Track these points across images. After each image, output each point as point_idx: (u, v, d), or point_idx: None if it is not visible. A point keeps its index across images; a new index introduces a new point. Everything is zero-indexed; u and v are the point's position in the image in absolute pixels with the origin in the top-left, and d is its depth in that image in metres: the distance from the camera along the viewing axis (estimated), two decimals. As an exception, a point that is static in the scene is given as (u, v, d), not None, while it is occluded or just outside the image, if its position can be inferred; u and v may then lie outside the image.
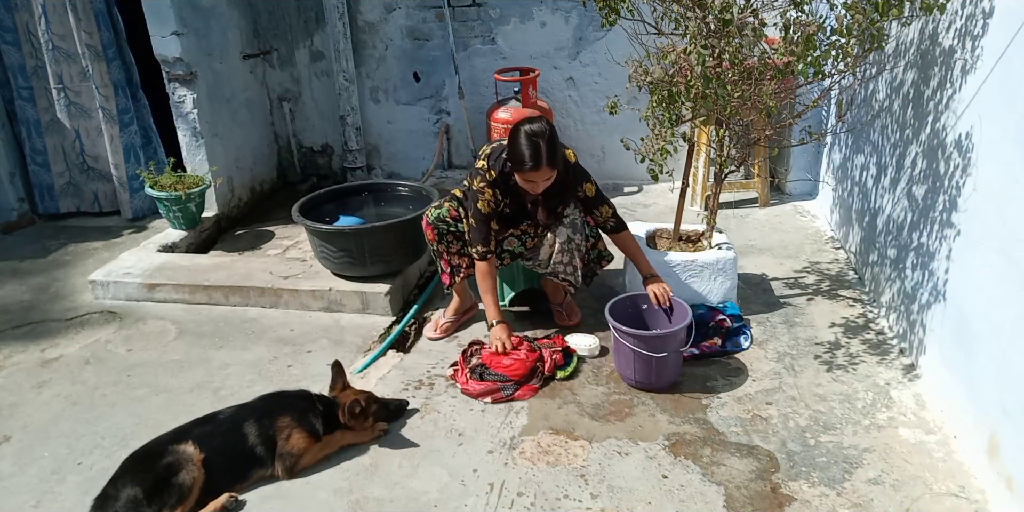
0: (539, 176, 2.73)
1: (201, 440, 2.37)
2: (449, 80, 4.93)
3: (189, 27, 4.20)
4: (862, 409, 2.68)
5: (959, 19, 2.59)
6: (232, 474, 2.39)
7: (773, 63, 2.70)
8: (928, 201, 2.80)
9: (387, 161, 5.30)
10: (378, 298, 3.47)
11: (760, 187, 4.58)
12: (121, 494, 2.22)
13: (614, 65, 3.66)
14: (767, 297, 3.48)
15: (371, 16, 4.85)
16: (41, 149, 4.59)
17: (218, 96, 4.51)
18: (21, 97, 4.47)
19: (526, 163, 2.69)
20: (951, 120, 2.63)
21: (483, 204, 2.91)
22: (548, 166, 2.70)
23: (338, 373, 2.66)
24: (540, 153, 2.67)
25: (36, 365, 3.19)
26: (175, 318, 3.52)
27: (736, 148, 3.29)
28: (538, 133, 2.68)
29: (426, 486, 2.40)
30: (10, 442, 2.71)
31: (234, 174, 4.70)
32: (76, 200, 4.77)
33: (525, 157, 2.68)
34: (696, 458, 2.48)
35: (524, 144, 2.68)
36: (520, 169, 2.73)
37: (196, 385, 3.00)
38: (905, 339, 2.98)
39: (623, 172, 4.89)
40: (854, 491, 2.31)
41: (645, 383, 2.83)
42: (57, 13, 4.28)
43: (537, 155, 2.67)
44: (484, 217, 2.93)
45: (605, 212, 3.07)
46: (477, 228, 2.95)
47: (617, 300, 2.96)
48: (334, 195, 3.83)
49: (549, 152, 2.68)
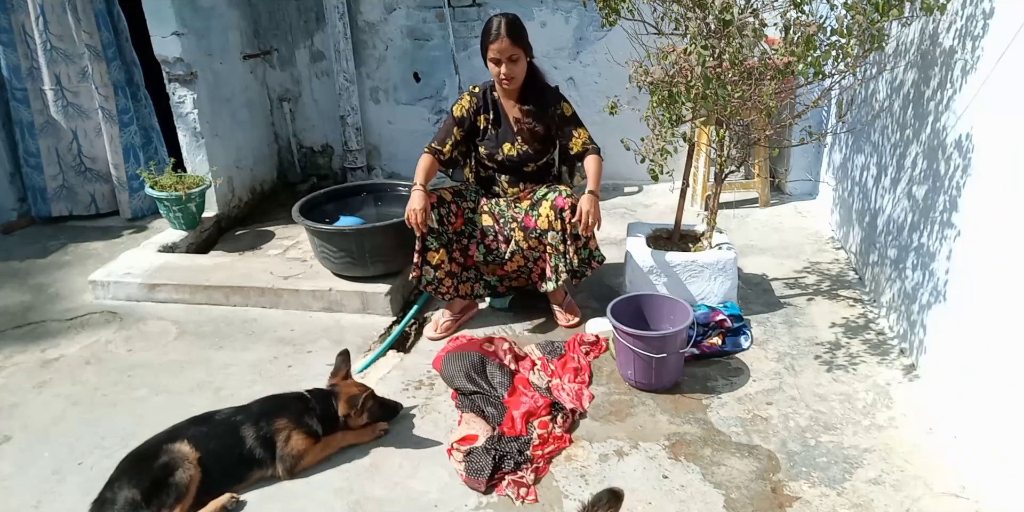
0: (503, 49, 2.96)
1: (196, 440, 2.37)
2: (449, 80, 4.93)
3: (189, 27, 4.20)
4: (862, 409, 2.68)
5: (959, 19, 2.59)
6: (230, 475, 2.39)
7: (773, 63, 2.70)
8: (928, 201, 2.80)
9: (387, 161, 5.30)
10: (378, 298, 3.47)
11: (760, 187, 4.58)
12: (118, 497, 2.22)
13: (614, 65, 3.66)
14: (767, 297, 3.48)
15: (371, 16, 4.86)
16: (34, 151, 4.54)
17: (218, 96, 4.51)
18: (16, 99, 4.43)
19: (491, 33, 2.97)
20: (951, 120, 2.63)
21: (456, 107, 3.21)
22: (509, 37, 2.95)
23: (343, 362, 2.66)
24: (502, 25, 2.96)
25: (36, 365, 3.19)
26: (175, 318, 3.52)
27: (736, 148, 3.30)
28: (504, 15, 3.00)
29: (426, 486, 2.40)
30: (10, 442, 2.71)
31: (234, 174, 4.70)
32: (69, 203, 4.70)
33: (491, 28, 2.97)
34: (696, 458, 2.48)
35: (492, 21, 3.00)
36: (485, 40, 2.99)
37: (197, 385, 3.00)
38: (905, 339, 2.98)
39: (623, 172, 4.88)
40: (854, 491, 2.31)
41: (645, 383, 2.83)
42: (56, 13, 4.27)
43: (500, 26, 2.96)
44: (452, 119, 3.21)
45: (582, 134, 3.20)
46: (442, 129, 3.25)
47: (618, 300, 2.96)
48: (334, 195, 3.83)
49: (510, 27, 2.96)
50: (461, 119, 3.19)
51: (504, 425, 2.62)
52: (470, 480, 2.38)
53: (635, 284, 3.28)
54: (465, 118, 3.20)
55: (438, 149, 3.21)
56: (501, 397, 2.79)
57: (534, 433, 2.58)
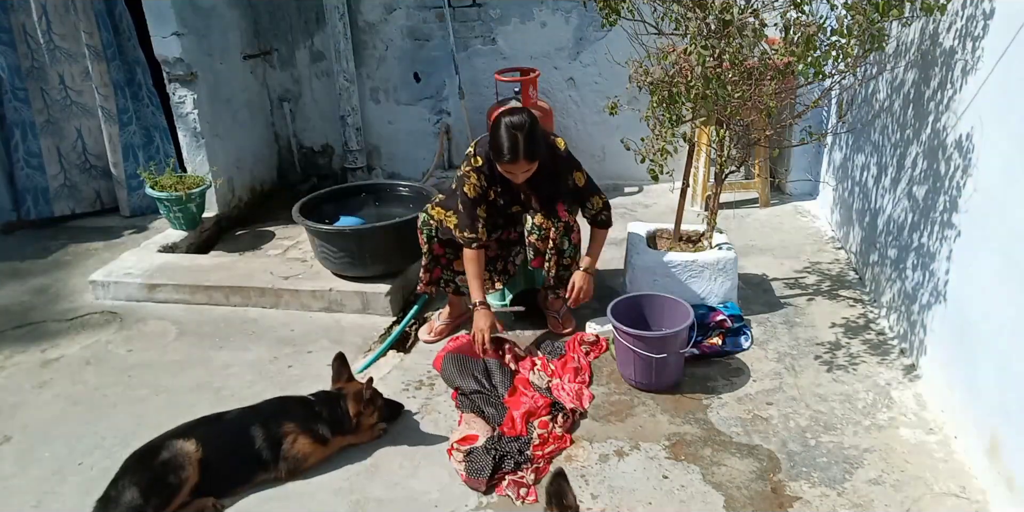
0: (517, 168, 2.77)
1: (204, 440, 2.36)
2: (449, 80, 4.93)
3: (189, 27, 4.20)
4: (863, 409, 2.68)
5: (960, 20, 2.59)
6: (235, 476, 2.39)
7: (773, 63, 2.70)
8: (929, 201, 2.79)
9: (387, 161, 5.30)
10: (378, 298, 3.47)
11: (760, 187, 4.58)
12: (122, 497, 2.22)
13: (614, 65, 3.66)
14: (767, 297, 3.48)
15: (371, 16, 4.85)
16: (36, 151, 4.52)
17: (218, 96, 4.51)
18: (16, 99, 4.41)
19: (504, 155, 2.72)
20: (951, 120, 2.63)
21: (469, 188, 2.93)
22: (525, 159, 2.73)
23: (342, 365, 2.65)
24: (518, 146, 2.69)
25: (37, 365, 3.19)
26: (176, 318, 3.52)
27: (736, 148, 3.29)
28: (518, 125, 2.70)
29: (427, 486, 2.40)
30: (11, 442, 2.71)
31: (234, 174, 4.70)
32: (72, 202, 4.70)
33: (504, 149, 2.71)
34: (697, 458, 2.48)
35: (503, 136, 2.70)
36: (499, 160, 2.77)
37: (197, 385, 3.00)
38: (906, 339, 2.98)
39: (623, 172, 4.88)
40: (855, 491, 2.31)
41: (646, 383, 2.83)
42: (58, 13, 4.28)
43: (515, 148, 2.70)
44: (470, 201, 2.93)
45: (596, 203, 3.07)
46: (464, 213, 2.95)
47: (619, 300, 2.96)
48: (334, 195, 3.83)
49: (527, 145, 2.70)
50: (478, 199, 2.94)
51: (504, 425, 2.62)
52: (470, 480, 2.38)
53: (635, 284, 3.28)
54: (480, 196, 2.95)
55: (474, 238, 2.94)
56: (501, 397, 2.79)
57: (534, 433, 2.58)
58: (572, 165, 3.00)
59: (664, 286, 3.24)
